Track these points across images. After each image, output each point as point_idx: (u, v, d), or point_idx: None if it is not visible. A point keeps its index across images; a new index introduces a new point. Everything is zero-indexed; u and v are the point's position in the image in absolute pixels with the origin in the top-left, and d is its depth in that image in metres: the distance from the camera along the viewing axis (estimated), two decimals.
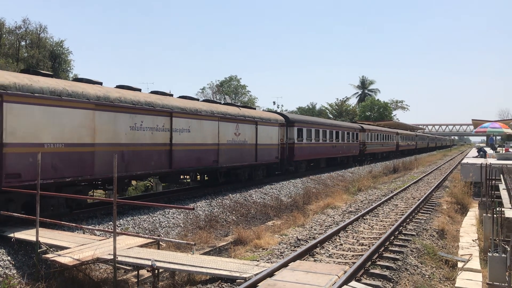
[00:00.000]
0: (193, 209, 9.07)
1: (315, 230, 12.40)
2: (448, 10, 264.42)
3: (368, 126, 43.58)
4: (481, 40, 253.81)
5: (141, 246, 9.10)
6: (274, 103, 79.75)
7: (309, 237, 11.36)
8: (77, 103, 11.44)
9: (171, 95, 16.18)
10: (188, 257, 8.37)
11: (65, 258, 7.95)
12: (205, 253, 10.60)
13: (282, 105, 69.43)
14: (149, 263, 7.49)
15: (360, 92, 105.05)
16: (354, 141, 37.14)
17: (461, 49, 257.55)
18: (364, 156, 39.23)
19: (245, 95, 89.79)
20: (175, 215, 13.89)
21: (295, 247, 10.31)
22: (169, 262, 7.84)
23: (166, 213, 13.84)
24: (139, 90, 14.64)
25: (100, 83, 13.19)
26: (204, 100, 20.18)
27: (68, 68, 41.00)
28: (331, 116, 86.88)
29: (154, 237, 10.37)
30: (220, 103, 19.93)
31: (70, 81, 12.96)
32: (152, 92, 15.42)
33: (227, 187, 18.98)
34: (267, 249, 10.42)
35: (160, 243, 9.70)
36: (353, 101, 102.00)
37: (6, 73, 10.53)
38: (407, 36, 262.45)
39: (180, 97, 16.87)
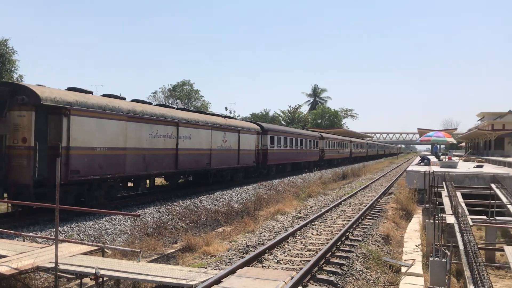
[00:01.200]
0: (139, 215, 8.86)
1: (264, 236, 12.44)
2: (397, 21, 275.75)
3: (326, 134, 47.74)
4: (426, 51, 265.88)
5: (85, 253, 8.79)
6: (226, 108, 79.76)
7: (258, 243, 11.37)
8: (116, 116, 14.48)
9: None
10: (134, 264, 8.16)
11: (1, 267, 7.54)
12: (152, 261, 10.38)
13: (235, 111, 69.48)
14: (93, 271, 7.25)
15: (312, 100, 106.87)
16: (315, 148, 41.09)
17: (407, 60, 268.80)
18: (323, 162, 43.07)
19: (198, 100, 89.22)
20: (122, 221, 13.56)
21: (244, 253, 10.29)
22: (114, 270, 7.61)
23: (113, 219, 13.48)
24: (124, 98, 16.62)
25: (124, 99, 16.36)
26: (196, 111, 23.91)
27: (13, 69, 39.14)
28: (283, 123, 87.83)
29: (98, 244, 10.05)
30: (211, 114, 24.27)
31: (108, 98, 15.30)
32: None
33: (178, 193, 18.82)
34: (216, 256, 10.32)
35: (105, 250, 9.41)
36: (305, 109, 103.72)
37: (69, 92, 13.40)
38: (358, 45, 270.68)
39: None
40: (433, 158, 35.87)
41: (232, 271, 8.02)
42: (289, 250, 10.58)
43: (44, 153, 12.28)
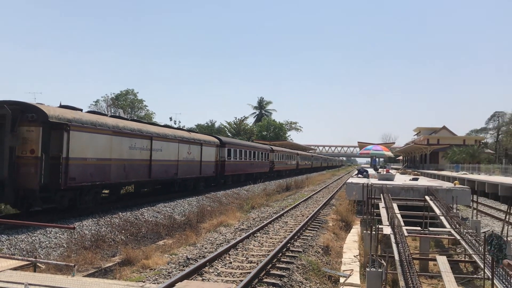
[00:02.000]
0: (74, 228, 8.49)
1: (206, 248, 12.29)
2: (340, 35, 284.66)
3: (276, 147, 50.67)
4: (367, 68, 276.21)
5: (15, 268, 8.29)
6: (171, 119, 78.58)
7: (199, 256, 11.22)
8: (103, 130, 16.58)
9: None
10: (68, 279, 7.79)
11: None
12: (89, 275, 9.97)
13: (180, 122, 68.74)
14: (22, 287, 6.86)
15: (257, 112, 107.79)
16: (265, 160, 43.70)
17: (348, 75, 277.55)
18: (272, 173, 46.28)
19: (142, 109, 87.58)
20: (58, 234, 12.95)
21: (184, 266, 10.10)
22: (45, 286, 7.22)
23: (48, 232, 12.85)
24: (106, 115, 19.54)
25: (106, 115, 19.55)
26: (164, 125, 25.44)
27: None
28: (229, 134, 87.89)
29: (30, 258, 9.52)
30: (178, 129, 26.95)
31: (97, 115, 17.53)
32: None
33: (116, 205, 18.27)
34: (155, 269, 10.07)
35: (38, 265, 8.94)
36: (250, 121, 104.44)
37: (68, 111, 15.50)
38: (303, 58, 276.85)
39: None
40: (371, 171, 37.07)
41: (171, 285, 7.85)
42: (230, 263, 10.50)
43: (46, 163, 14.21)
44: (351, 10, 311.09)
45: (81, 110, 16.79)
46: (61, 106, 15.81)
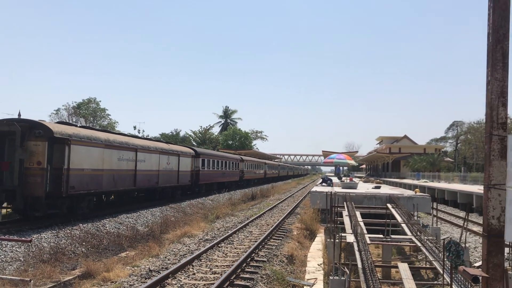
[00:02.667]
0: (30, 241, 8.17)
1: (169, 260, 12.07)
2: (302, 47, 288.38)
3: (245, 157, 52.74)
4: (329, 77, 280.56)
5: None
6: (135, 128, 77.52)
7: (162, 267, 11.00)
8: (97, 144, 18.59)
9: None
10: None
11: None
12: None
13: (144, 131, 67.86)
14: None
15: (223, 121, 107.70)
16: (236, 169, 45.74)
17: (311, 85, 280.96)
18: (242, 182, 48.80)
19: (104, 118, 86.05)
20: (14, 248, 12.45)
21: (146, 278, 9.89)
22: None
23: (3, 246, 12.35)
24: (97, 130, 21.24)
25: (97, 130, 21.50)
26: (145, 138, 28.10)
27: None
28: (194, 143, 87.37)
29: None
30: (155, 140, 29.96)
31: (91, 130, 19.65)
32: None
33: (75, 217, 17.78)
34: (116, 282, 9.81)
35: None
36: (216, 130, 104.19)
37: (68, 127, 17.63)
38: (267, 67, 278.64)
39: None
40: (335, 179, 37.52)
41: None
42: (194, 274, 10.34)
43: (51, 173, 16.05)
44: (317, 20, 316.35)
45: (76, 125, 19.75)
46: (58, 122, 18.37)
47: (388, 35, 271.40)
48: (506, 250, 9.32)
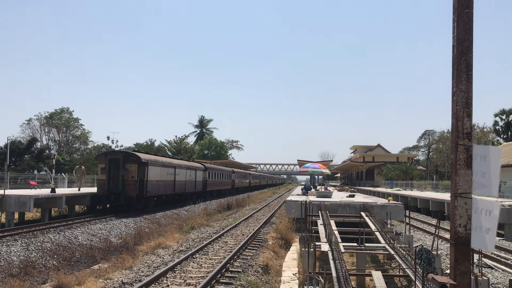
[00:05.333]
0: None
1: (142, 272, 11.90)
2: (271, 58, 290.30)
3: (236, 169, 61.88)
4: (304, 88, 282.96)
5: None
6: (108, 138, 76.52)
7: (136, 279, 10.85)
8: (158, 165, 29.35)
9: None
10: None
11: None
12: None
13: (118, 141, 67.01)
14: None
15: (198, 131, 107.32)
16: (229, 179, 55.59)
17: (287, 95, 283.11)
18: (233, 189, 57.90)
19: (77, 128, 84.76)
20: None
21: None
22: None
23: None
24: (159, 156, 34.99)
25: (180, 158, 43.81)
26: (178, 159, 42.74)
27: None
28: (169, 153, 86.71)
29: None
30: (183, 160, 43.10)
31: (155, 156, 31.38)
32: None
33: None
34: None
35: None
36: (191, 139, 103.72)
37: (147, 155, 29.52)
38: (243, 78, 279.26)
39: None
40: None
41: None
42: (168, 286, 10.22)
43: (139, 183, 26.53)
44: (289, 30, 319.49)
45: (151, 154, 33.10)
46: (142, 152, 32.07)
47: (361, 46, 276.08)
48: (476, 256, 9.52)
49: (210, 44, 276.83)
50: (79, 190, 27.25)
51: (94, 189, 29.94)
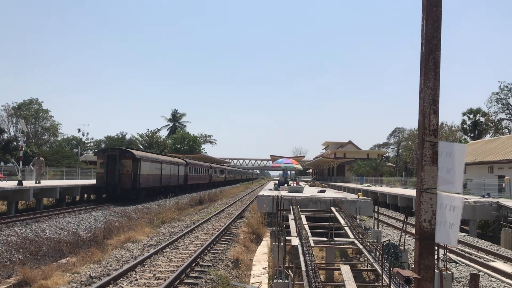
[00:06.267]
0: None
1: (111, 266, 11.75)
2: (253, 51, 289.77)
3: (213, 164, 67.41)
4: (278, 83, 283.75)
5: None
6: (79, 130, 75.27)
7: (104, 273, 10.69)
8: (149, 160, 33.51)
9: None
10: None
11: None
12: None
13: (88, 133, 65.94)
14: None
15: (171, 125, 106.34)
16: (207, 174, 59.39)
17: (260, 90, 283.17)
18: (211, 184, 62.15)
19: (47, 120, 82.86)
20: None
21: (86, 285, 9.58)
22: None
23: None
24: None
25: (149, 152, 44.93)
26: (164, 155, 48.50)
27: None
28: (141, 147, 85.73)
29: None
30: (168, 156, 49.50)
31: (145, 153, 36.77)
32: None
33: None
34: None
35: None
36: (164, 133, 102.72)
37: (140, 152, 34.90)
38: (216, 72, 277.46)
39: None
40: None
41: None
42: (137, 280, 10.12)
43: (133, 176, 30.16)
44: (264, 25, 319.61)
45: (144, 151, 45.31)
46: (136, 149, 38.23)
47: (333, 45, 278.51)
48: (442, 251, 9.76)
49: (183, 36, 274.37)
50: (37, 182, 25.58)
51: (61, 182, 30.06)
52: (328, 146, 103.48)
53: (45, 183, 26.41)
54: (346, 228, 14.05)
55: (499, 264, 13.30)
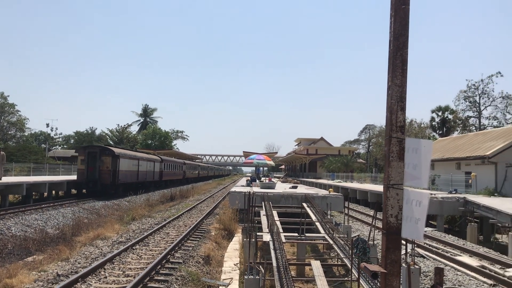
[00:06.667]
0: None
1: (79, 263, 11.53)
2: (225, 48, 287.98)
3: (187, 161, 69.25)
4: (250, 79, 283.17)
5: None
6: (47, 125, 73.42)
7: (72, 271, 10.49)
8: (127, 157, 35.45)
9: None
10: None
11: None
12: None
13: (57, 128, 64.48)
14: None
15: (142, 120, 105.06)
16: (181, 170, 61.29)
17: (232, 86, 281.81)
18: (184, 179, 63.78)
19: (13, 114, 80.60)
20: None
21: (53, 284, 9.38)
22: None
23: None
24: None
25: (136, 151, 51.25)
26: (142, 152, 49.41)
27: None
28: (111, 142, 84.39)
29: None
30: (145, 152, 49.65)
31: (125, 150, 39.18)
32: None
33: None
34: None
35: None
36: (134, 129, 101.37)
37: (120, 149, 36.44)
38: (188, 68, 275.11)
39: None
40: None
41: None
42: (105, 277, 9.97)
43: (114, 172, 32.17)
44: (235, 21, 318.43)
45: (123, 148, 42.86)
46: (115, 147, 39.63)
47: (308, 41, 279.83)
48: (410, 246, 9.95)
49: (154, 31, 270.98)
50: None
51: (27, 178, 29.42)
52: (300, 142, 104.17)
53: (10, 179, 25.68)
54: (317, 224, 14.17)
55: (465, 258, 13.68)
